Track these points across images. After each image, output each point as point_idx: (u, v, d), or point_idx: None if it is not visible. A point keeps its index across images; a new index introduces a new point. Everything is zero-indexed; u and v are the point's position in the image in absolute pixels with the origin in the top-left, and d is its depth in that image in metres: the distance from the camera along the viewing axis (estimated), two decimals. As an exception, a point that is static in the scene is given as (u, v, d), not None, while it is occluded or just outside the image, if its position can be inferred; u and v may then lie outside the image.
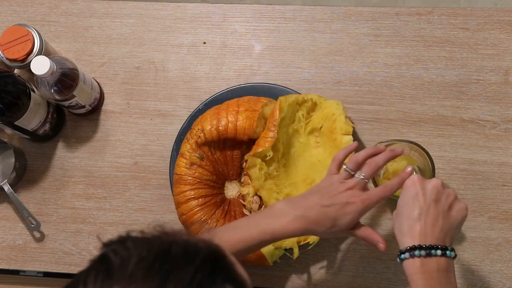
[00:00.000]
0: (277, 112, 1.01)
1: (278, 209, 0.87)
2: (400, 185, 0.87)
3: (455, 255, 0.79)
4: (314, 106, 1.06)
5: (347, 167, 0.89)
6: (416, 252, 0.78)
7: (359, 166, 0.89)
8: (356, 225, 0.88)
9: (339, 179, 0.89)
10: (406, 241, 0.80)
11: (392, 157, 0.90)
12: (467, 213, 0.83)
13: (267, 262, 1.00)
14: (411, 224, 0.80)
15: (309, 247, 1.01)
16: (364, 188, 0.88)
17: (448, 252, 0.78)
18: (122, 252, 0.53)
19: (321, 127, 1.06)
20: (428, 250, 0.77)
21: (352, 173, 0.89)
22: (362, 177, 0.88)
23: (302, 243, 1.02)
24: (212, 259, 0.54)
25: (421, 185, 0.82)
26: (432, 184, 0.83)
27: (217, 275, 0.53)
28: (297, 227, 0.85)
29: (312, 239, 1.01)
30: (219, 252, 0.56)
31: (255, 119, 1.01)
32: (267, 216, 0.87)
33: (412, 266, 0.78)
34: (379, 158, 0.89)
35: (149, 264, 0.52)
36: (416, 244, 0.78)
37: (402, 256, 0.79)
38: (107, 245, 0.55)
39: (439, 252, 0.78)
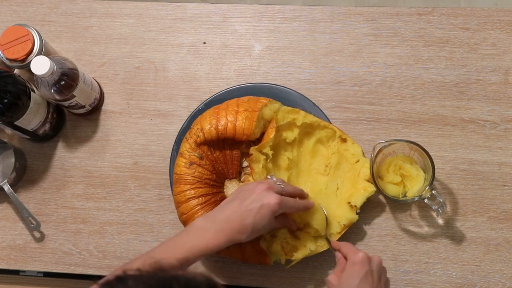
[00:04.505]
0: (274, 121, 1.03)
1: (198, 227, 0.89)
2: (306, 210, 0.97)
3: None
4: (333, 135, 1.06)
5: (271, 176, 0.96)
6: None
7: (283, 186, 0.94)
8: (277, 218, 0.93)
9: (257, 182, 0.93)
10: None
11: (304, 211, 0.97)
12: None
13: (267, 258, 1.00)
14: None
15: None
16: (279, 194, 0.92)
17: None
18: None
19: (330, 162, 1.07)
20: None
21: (274, 180, 0.95)
22: (282, 186, 0.93)
23: None
24: None
25: (369, 264, 0.89)
26: (377, 262, 0.90)
27: None
28: (220, 242, 0.88)
29: None
30: (217, 285, 0.58)
31: (254, 119, 1.01)
32: (190, 235, 0.89)
33: None
34: (297, 202, 0.95)
35: None
36: None
37: None
38: (107, 284, 0.56)
39: None
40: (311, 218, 0.99)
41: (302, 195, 0.98)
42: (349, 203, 1.02)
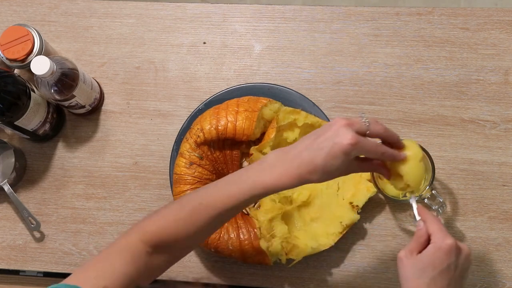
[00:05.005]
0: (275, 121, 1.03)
1: (268, 162, 0.79)
2: (395, 159, 0.81)
3: None
4: None
5: (362, 114, 0.81)
6: None
7: (369, 124, 0.80)
8: (361, 161, 0.82)
9: (339, 117, 0.79)
10: None
11: (391, 161, 0.83)
12: None
13: (267, 258, 1.00)
14: None
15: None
16: (361, 134, 0.78)
17: None
18: None
19: None
20: None
21: (364, 117, 0.80)
22: (366, 125, 0.79)
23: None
24: None
25: (456, 255, 0.79)
26: (465, 256, 0.80)
27: None
28: (288, 181, 0.78)
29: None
30: None
31: (254, 119, 1.01)
32: (258, 169, 0.80)
33: None
34: (381, 147, 0.80)
35: None
36: None
37: None
38: None
39: None
40: (404, 170, 0.82)
41: (395, 142, 0.82)
42: (351, 203, 1.02)
